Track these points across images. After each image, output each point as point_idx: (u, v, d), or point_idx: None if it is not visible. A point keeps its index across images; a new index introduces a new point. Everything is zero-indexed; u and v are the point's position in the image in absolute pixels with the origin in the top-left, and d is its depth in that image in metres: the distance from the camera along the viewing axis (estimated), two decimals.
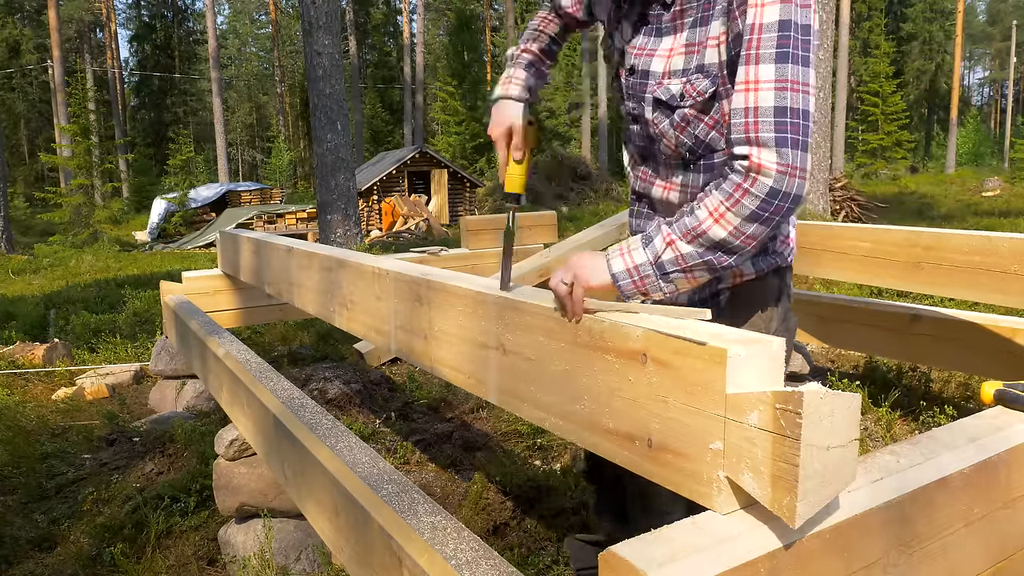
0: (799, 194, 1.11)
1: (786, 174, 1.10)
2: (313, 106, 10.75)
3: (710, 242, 1.13)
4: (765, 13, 1.11)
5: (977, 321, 2.69)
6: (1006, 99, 55.06)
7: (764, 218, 1.12)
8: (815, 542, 0.94)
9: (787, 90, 1.10)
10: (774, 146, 1.10)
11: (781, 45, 1.10)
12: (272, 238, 3.08)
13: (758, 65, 1.11)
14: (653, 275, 1.17)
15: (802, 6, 1.12)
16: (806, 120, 1.11)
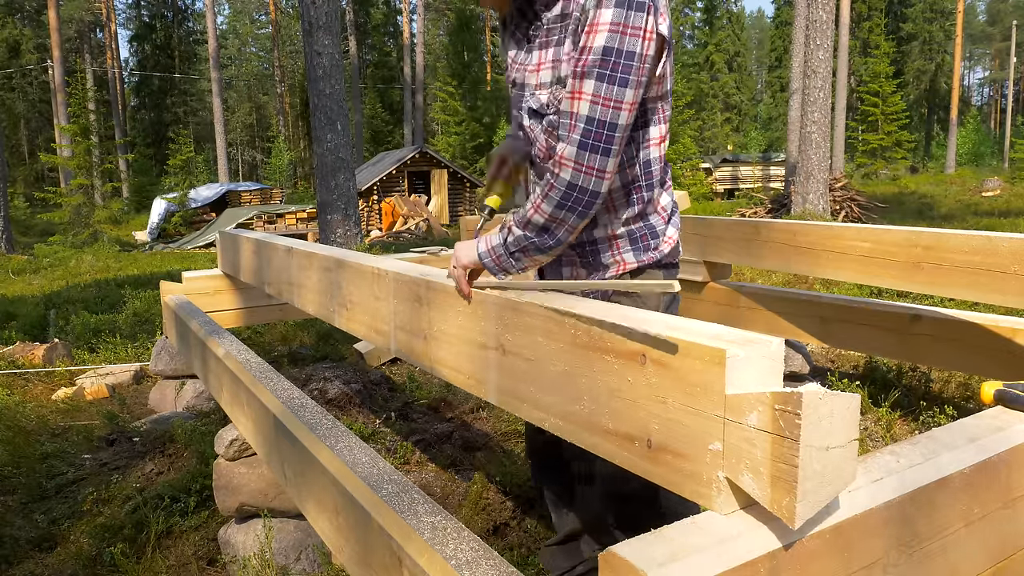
0: (595, 190, 1.32)
1: (582, 172, 1.31)
2: (313, 106, 10.75)
3: (534, 227, 1.37)
4: (596, 38, 1.29)
5: (977, 321, 2.69)
6: (1006, 99, 55.04)
7: (568, 207, 1.34)
8: (815, 542, 0.94)
9: (599, 104, 1.29)
10: (577, 147, 1.31)
11: (603, 66, 1.29)
12: (272, 238, 3.09)
13: (583, 80, 1.30)
14: (504, 254, 1.42)
15: (631, 35, 1.29)
16: (611, 131, 1.30)
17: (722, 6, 47.42)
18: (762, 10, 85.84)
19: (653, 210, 1.54)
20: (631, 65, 1.29)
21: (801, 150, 11.14)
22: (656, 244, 1.55)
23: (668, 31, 1.36)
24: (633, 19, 1.29)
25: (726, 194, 27.33)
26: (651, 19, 1.30)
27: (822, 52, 10.71)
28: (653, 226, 1.54)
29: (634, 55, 1.29)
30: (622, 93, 1.29)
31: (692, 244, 3.61)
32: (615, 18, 1.28)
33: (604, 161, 1.31)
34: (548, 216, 1.35)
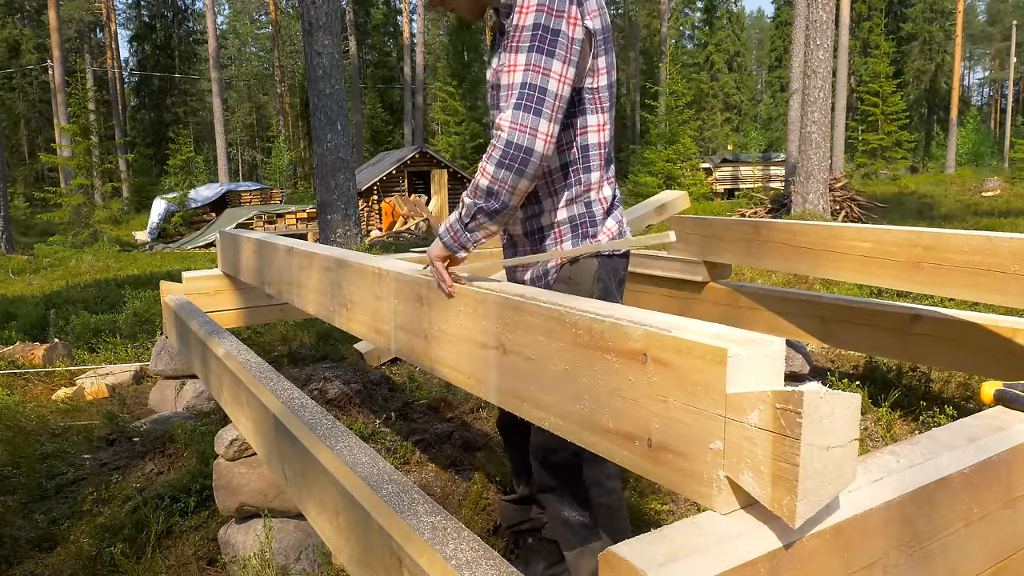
0: (529, 147, 1.41)
1: (516, 129, 1.41)
2: (313, 106, 10.75)
3: (479, 192, 1.45)
4: (526, 17, 1.45)
5: (977, 321, 2.69)
6: (1006, 99, 55.04)
7: (507, 164, 1.42)
8: (815, 542, 0.94)
9: (530, 70, 1.42)
10: (511, 108, 1.42)
11: (532, 39, 1.43)
12: (272, 238, 3.08)
13: (516, 53, 1.44)
14: (460, 228, 1.50)
15: (556, 16, 1.44)
16: (542, 94, 1.42)
17: (722, 6, 47.42)
18: (762, 10, 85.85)
19: (595, 198, 1.67)
20: (557, 40, 1.43)
21: (801, 150, 11.14)
22: (595, 232, 1.67)
23: (600, 27, 1.53)
24: (557, 3, 1.45)
25: (726, 194, 27.32)
26: (575, 8, 1.46)
27: (822, 52, 10.71)
28: (593, 214, 1.67)
29: (559, 32, 1.44)
30: (550, 63, 1.43)
31: (692, 244, 3.61)
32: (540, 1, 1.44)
33: (536, 121, 1.41)
34: (491, 177, 1.44)
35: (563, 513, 1.70)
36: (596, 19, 1.52)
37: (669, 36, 36.09)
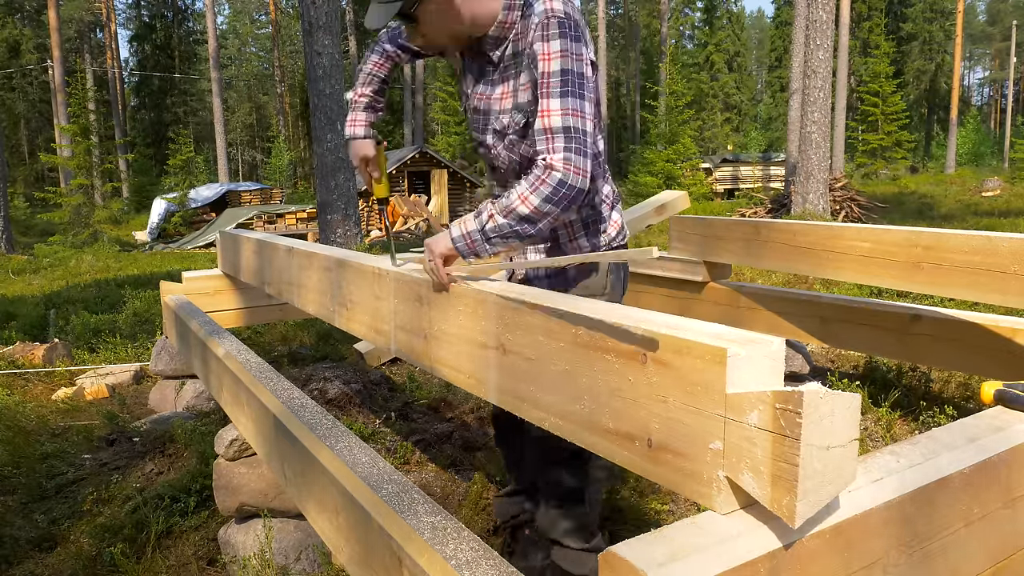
0: (581, 188, 1.50)
1: (570, 171, 1.49)
2: (313, 106, 10.75)
3: (517, 217, 1.52)
4: (552, 64, 1.53)
5: (977, 321, 2.69)
6: (1006, 99, 55.04)
7: (555, 200, 1.50)
8: (815, 542, 0.94)
9: (569, 115, 1.51)
10: (563, 152, 1.50)
11: (564, 85, 1.53)
12: (272, 238, 3.08)
13: (549, 99, 1.53)
14: (480, 239, 1.55)
15: (576, 59, 1.54)
16: (584, 136, 1.52)
17: (722, 6, 47.43)
18: (762, 10, 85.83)
19: (599, 199, 1.81)
20: (584, 83, 1.55)
21: (801, 150, 11.14)
22: (604, 228, 1.82)
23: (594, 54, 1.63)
24: (576, 48, 1.55)
25: (726, 194, 27.33)
26: (585, 49, 1.57)
27: (822, 52, 10.71)
28: (600, 212, 1.81)
29: (583, 75, 1.55)
30: (583, 105, 1.54)
31: (692, 244, 3.61)
32: (562, 47, 1.53)
33: (586, 163, 1.51)
34: (534, 208, 1.51)
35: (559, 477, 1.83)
36: (591, 48, 1.63)
37: (669, 36, 36.10)
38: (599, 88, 1.67)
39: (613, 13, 47.87)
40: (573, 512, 1.83)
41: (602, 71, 28.70)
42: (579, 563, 1.84)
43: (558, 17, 1.54)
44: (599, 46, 28.55)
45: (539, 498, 1.90)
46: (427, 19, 1.63)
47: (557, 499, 1.84)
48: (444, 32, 1.67)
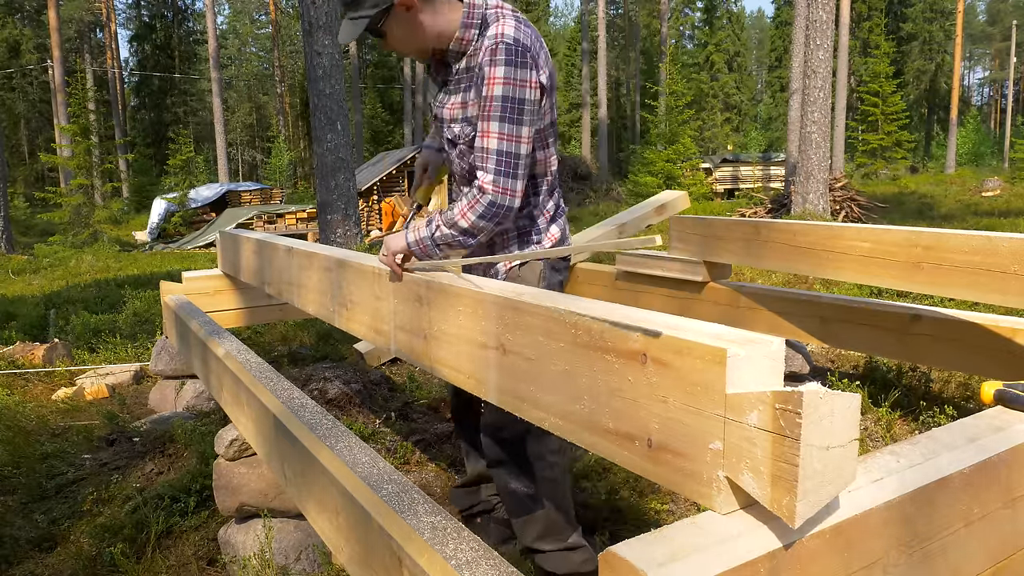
0: (510, 206, 1.69)
1: (499, 192, 1.68)
2: (313, 106, 10.75)
3: (459, 229, 1.72)
4: (494, 89, 1.66)
5: (977, 321, 2.69)
6: (1006, 99, 55.04)
7: (488, 217, 1.70)
8: (815, 542, 0.94)
9: (504, 139, 1.66)
10: (492, 173, 1.67)
11: (503, 111, 1.66)
12: (272, 238, 3.09)
13: (489, 121, 1.67)
14: (430, 245, 1.75)
15: (519, 86, 1.66)
16: (516, 159, 1.68)
17: (722, 6, 47.43)
18: (762, 10, 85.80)
19: (538, 212, 1.93)
20: (523, 108, 1.67)
21: (801, 150, 11.14)
22: (538, 239, 1.93)
23: (547, 77, 1.73)
24: (519, 74, 1.66)
25: (726, 194, 27.32)
26: (533, 73, 1.68)
27: (822, 52, 10.71)
28: (537, 225, 1.93)
29: (524, 100, 1.67)
30: (520, 130, 1.67)
31: (692, 244, 3.61)
32: (506, 74, 1.65)
33: (514, 183, 1.69)
34: (471, 223, 1.71)
35: (510, 485, 1.90)
36: (545, 72, 1.73)
37: (669, 36, 36.09)
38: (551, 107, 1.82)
39: (613, 13, 47.87)
40: (534, 518, 1.89)
41: (602, 71, 28.70)
42: (560, 563, 1.90)
43: (506, 43, 1.65)
44: (599, 46, 28.53)
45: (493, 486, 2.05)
46: (393, 33, 1.76)
47: (516, 510, 1.92)
48: (410, 45, 1.80)
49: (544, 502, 1.88)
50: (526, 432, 1.85)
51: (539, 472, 1.88)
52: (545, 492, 1.89)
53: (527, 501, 1.88)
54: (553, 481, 1.90)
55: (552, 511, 1.88)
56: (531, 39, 1.70)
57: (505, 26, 1.68)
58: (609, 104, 41.66)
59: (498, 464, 1.92)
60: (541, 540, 1.89)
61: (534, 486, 1.88)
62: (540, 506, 1.88)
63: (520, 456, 1.87)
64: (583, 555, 1.90)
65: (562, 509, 1.90)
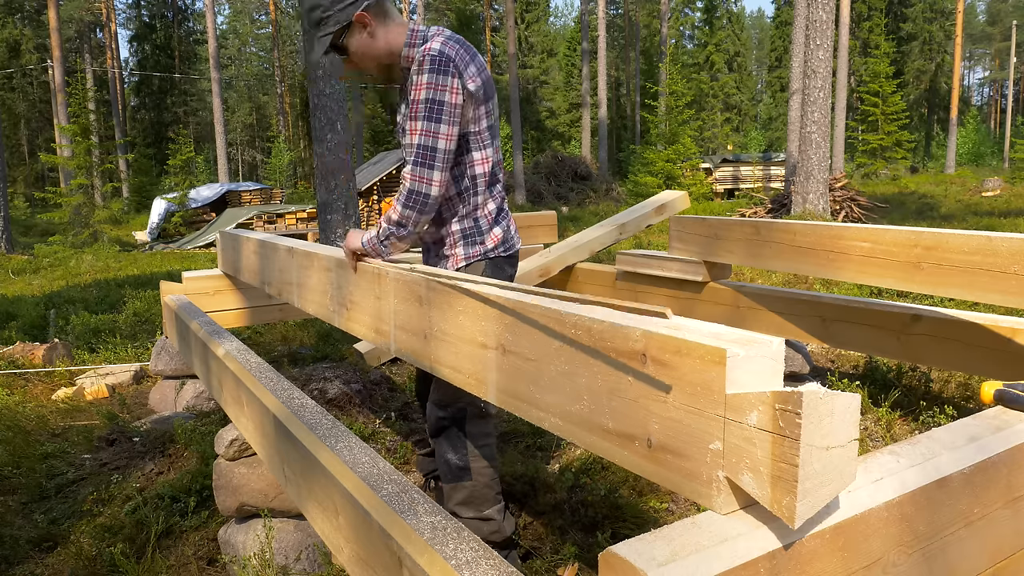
0: (427, 192, 1.92)
1: (416, 180, 1.92)
2: (313, 106, 10.74)
3: (391, 221, 1.98)
4: (420, 93, 1.91)
5: (977, 321, 2.69)
6: (1006, 99, 55.04)
7: (410, 205, 1.94)
8: (815, 542, 0.94)
9: (424, 135, 1.90)
10: (412, 165, 1.92)
11: (424, 111, 1.90)
12: (272, 238, 3.09)
13: (414, 121, 1.92)
14: (377, 243, 2.01)
15: (440, 90, 1.89)
16: (433, 152, 1.91)
17: (722, 6, 47.44)
18: (762, 10, 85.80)
19: (481, 214, 2.10)
20: (442, 109, 1.89)
21: (801, 150, 11.14)
22: (482, 240, 2.11)
23: (479, 85, 1.95)
24: (441, 80, 1.89)
25: (726, 194, 27.33)
26: (456, 80, 1.90)
27: (822, 52, 10.71)
28: (480, 227, 2.11)
29: (443, 103, 1.89)
30: (437, 128, 1.90)
31: (692, 244, 3.61)
32: (429, 79, 1.89)
33: (431, 173, 1.91)
34: (399, 214, 1.95)
35: (446, 455, 2.13)
36: (475, 81, 1.95)
37: (669, 36, 36.08)
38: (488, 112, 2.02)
39: (613, 13, 47.86)
40: (462, 486, 2.12)
41: (602, 71, 28.70)
42: (473, 530, 2.07)
43: (431, 55, 1.89)
44: (599, 46, 28.54)
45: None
46: (354, 48, 2.02)
47: (447, 476, 2.15)
48: (369, 60, 2.04)
49: (472, 475, 2.12)
50: (465, 412, 2.10)
51: (471, 449, 2.12)
52: (475, 467, 2.12)
53: (458, 471, 2.12)
54: (483, 459, 2.13)
55: (478, 485, 2.12)
56: (457, 52, 1.93)
57: (434, 42, 1.93)
58: (609, 104, 41.66)
59: (438, 435, 2.15)
60: (461, 506, 2.13)
61: (467, 459, 2.12)
62: (468, 478, 2.12)
63: (456, 432, 2.11)
64: (492, 527, 2.13)
65: (487, 484, 2.14)
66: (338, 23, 1.98)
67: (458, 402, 2.07)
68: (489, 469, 2.15)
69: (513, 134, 24.41)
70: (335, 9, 1.98)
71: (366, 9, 1.99)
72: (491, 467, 2.15)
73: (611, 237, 4.42)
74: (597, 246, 4.42)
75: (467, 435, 2.11)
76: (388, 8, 2.04)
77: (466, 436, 2.12)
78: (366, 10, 1.99)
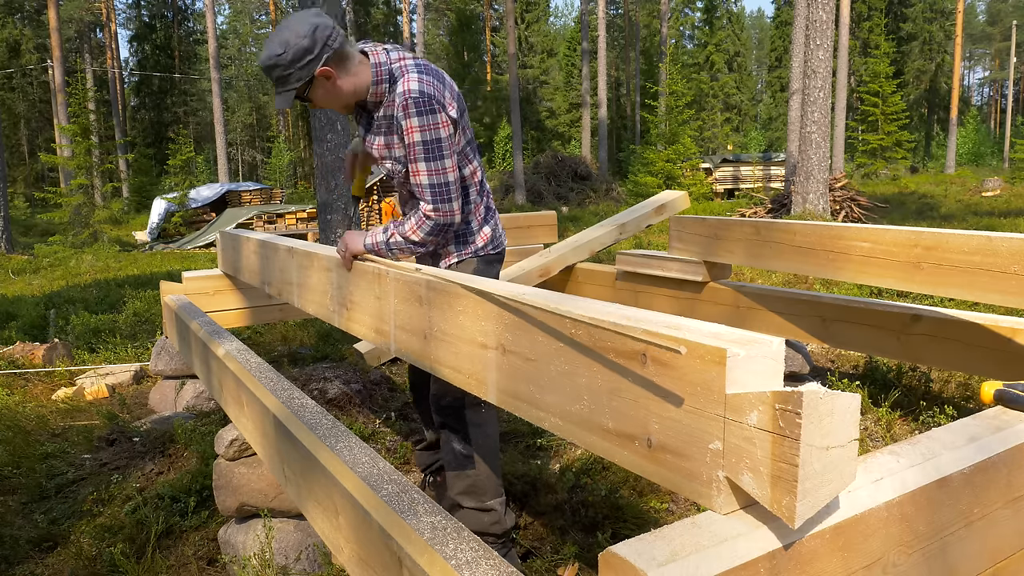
0: (450, 222, 2.05)
1: (441, 215, 2.03)
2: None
3: (411, 241, 2.08)
4: (414, 136, 1.99)
5: (977, 321, 2.69)
6: (1006, 99, 55.04)
7: (434, 234, 2.07)
8: (815, 542, 0.94)
9: (434, 174, 2.00)
10: (432, 203, 2.03)
11: (426, 152, 1.99)
12: (272, 238, 3.09)
13: (417, 163, 2.01)
14: (385, 250, 2.10)
15: (432, 128, 1.98)
16: (447, 187, 2.02)
17: (722, 6, 47.42)
18: (762, 10, 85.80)
19: (472, 217, 2.22)
20: (440, 146, 1.99)
21: (801, 150, 11.14)
22: (473, 239, 2.23)
23: (457, 110, 2.06)
24: (431, 120, 1.98)
25: (726, 194, 27.31)
26: (442, 115, 1.99)
27: (822, 52, 10.71)
28: (471, 227, 2.22)
29: (440, 139, 1.99)
30: (443, 163, 2.00)
31: (692, 244, 3.61)
32: (420, 122, 1.97)
33: (451, 205, 2.04)
34: (421, 239, 2.07)
35: (451, 444, 2.20)
36: (454, 107, 2.05)
37: (669, 36, 36.09)
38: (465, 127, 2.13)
39: (613, 13, 47.86)
40: (465, 474, 2.18)
41: (602, 71, 28.70)
42: (472, 520, 2.14)
43: (413, 98, 1.96)
44: (599, 46, 28.55)
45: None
46: (318, 98, 2.09)
47: (452, 464, 2.21)
48: (335, 103, 2.12)
49: (476, 464, 2.18)
50: (463, 402, 2.16)
51: (474, 438, 2.18)
52: (478, 456, 2.19)
53: (462, 459, 2.19)
54: (485, 448, 2.20)
55: (480, 475, 2.17)
56: (434, 87, 2.00)
57: (409, 82, 1.99)
58: (609, 104, 41.66)
59: (443, 426, 2.23)
60: (463, 496, 2.18)
61: (471, 449, 2.18)
62: (472, 466, 2.18)
63: (459, 421, 2.18)
64: (493, 518, 2.16)
65: (489, 475, 2.19)
66: (300, 80, 1.99)
67: (455, 392, 2.13)
68: (493, 460, 2.19)
69: (513, 134, 24.40)
70: (295, 68, 1.96)
71: (327, 63, 1.99)
72: (494, 458, 2.20)
73: (611, 237, 4.42)
74: (597, 246, 4.42)
75: (469, 424, 2.17)
76: (348, 52, 2.03)
77: (468, 425, 2.18)
78: (327, 64, 1.99)
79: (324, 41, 1.97)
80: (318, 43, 1.96)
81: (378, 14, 43.95)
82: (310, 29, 1.95)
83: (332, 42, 1.98)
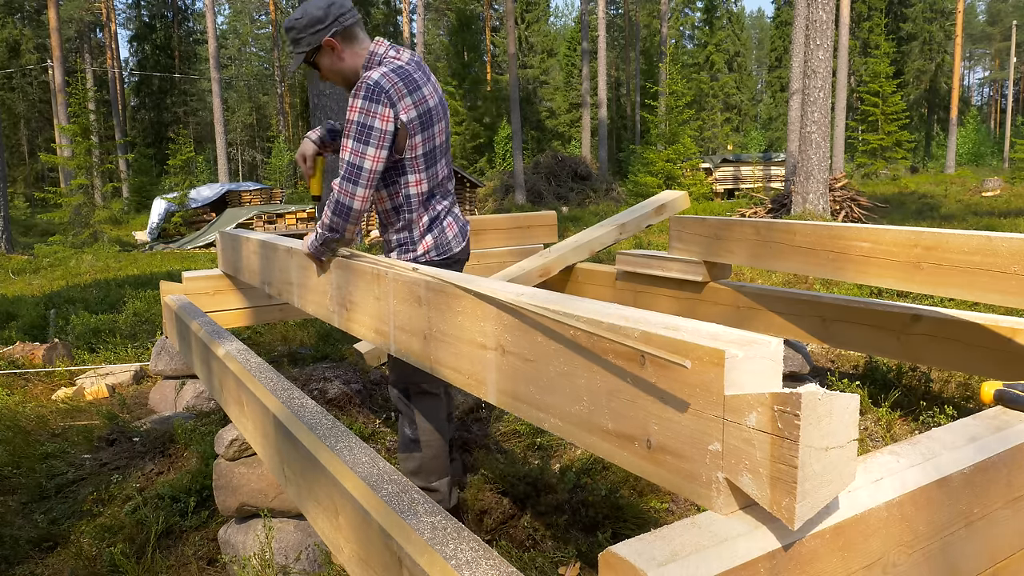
0: (349, 205, 2.13)
1: (342, 192, 2.13)
2: (313, 106, 10.75)
3: (324, 227, 2.20)
4: (352, 115, 2.10)
5: (977, 321, 2.69)
6: (1006, 99, 55.04)
7: (337, 212, 2.15)
8: (815, 542, 0.94)
9: (352, 153, 2.10)
10: (340, 179, 2.13)
11: (355, 132, 2.10)
12: (273, 238, 3.09)
13: (346, 139, 2.12)
14: (317, 245, 2.26)
15: (370, 115, 2.08)
16: (358, 170, 2.11)
17: (722, 6, 47.42)
18: (762, 10, 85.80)
19: (415, 226, 2.32)
20: (371, 133, 2.09)
21: (801, 150, 11.14)
22: (414, 248, 2.33)
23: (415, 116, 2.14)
24: (371, 107, 2.08)
25: (726, 194, 27.31)
26: (387, 109, 2.08)
27: (822, 52, 10.71)
28: (413, 237, 2.33)
29: (372, 127, 2.08)
30: (364, 149, 2.09)
31: (692, 244, 3.61)
32: (361, 105, 2.09)
33: (355, 189, 2.11)
34: (329, 219, 2.17)
35: (403, 428, 2.39)
36: (411, 112, 2.13)
37: (669, 36, 36.09)
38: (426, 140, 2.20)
39: (613, 13, 47.85)
40: (412, 456, 2.36)
41: (602, 71, 28.70)
42: None
43: (366, 83, 2.09)
44: (599, 46, 28.54)
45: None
46: (323, 66, 2.26)
47: (402, 446, 2.40)
48: (336, 76, 2.27)
49: (422, 447, 2.35)
50: (409, 391, 2.34)
51: (421, 424, 2.35)
52: (424, 440, 2.35)
53: (410, 443, 2.37)
54: (433, 432, 2.36)
55: (426, 457, 2.34)
56: (394, 84, 2.11)
57: (374, 72, 2.12)
58: (609, 104, 41.67)
59: (397, 411, 2.42)
60: (411, 476, 2.35)
61: (417, 433, 2.36)
62: (419, 450, 2.35)
63: (408, 407, 2.36)
64: (437, 497, 2.34)
65: (434, 457, 2.36)
66: (309, 45, 2.22)
67: (404, 381, 2.33)
68: (438, 443, 2.37)
69: (513, 134, 24.40)
70: (307, 32, 2.20)
71: (334, 35, 2.21)
72: (440, 442, 2.38)
73: (611, 237, 4.42)
74: (597, 246, 4.42)
75: (416, 409, 2.35)
76: (356, 33, 2.26)
77: (415, 411, 2.35)
78: (334, 36, 2.21)
79: (336, 17, 2.21)
80: (330, 16, 2.20)
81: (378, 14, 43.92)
82: (327, 4, 2.20)
83: (343, 19, 2.22)
